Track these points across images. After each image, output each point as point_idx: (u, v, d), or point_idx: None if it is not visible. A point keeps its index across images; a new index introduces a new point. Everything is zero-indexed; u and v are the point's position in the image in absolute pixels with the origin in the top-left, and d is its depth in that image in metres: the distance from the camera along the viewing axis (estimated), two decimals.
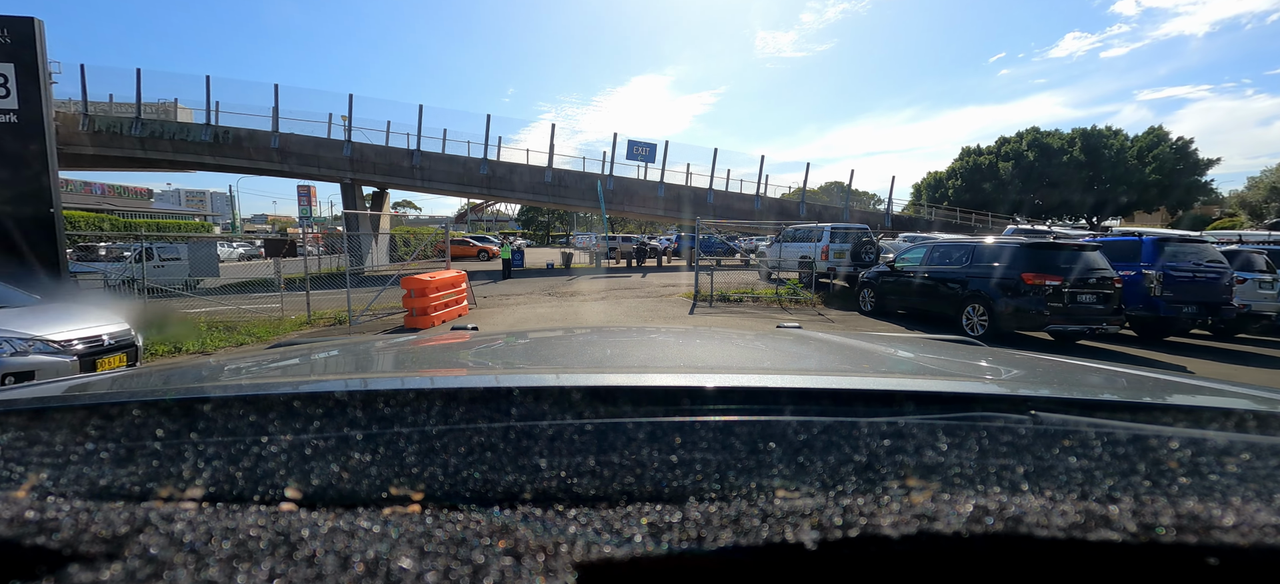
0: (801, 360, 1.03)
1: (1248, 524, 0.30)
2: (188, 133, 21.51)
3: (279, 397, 0.51)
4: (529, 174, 23.63)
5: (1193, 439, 0.44)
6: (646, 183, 24.83)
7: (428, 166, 22.76)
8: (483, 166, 23.03)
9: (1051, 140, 52.45)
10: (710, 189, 24.93)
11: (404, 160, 22.63)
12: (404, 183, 23.09)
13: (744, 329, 1.65)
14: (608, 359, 0.97)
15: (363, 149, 22.32)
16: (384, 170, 22.62)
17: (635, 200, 24.68)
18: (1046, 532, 0.30)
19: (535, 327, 8.36)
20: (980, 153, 56.28)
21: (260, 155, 21.90)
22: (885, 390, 0.60)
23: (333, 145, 22.12)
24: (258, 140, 21.77)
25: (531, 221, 68.72)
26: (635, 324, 8.27)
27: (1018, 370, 0.94)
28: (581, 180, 24.15)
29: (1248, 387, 0.75)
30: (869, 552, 0.30)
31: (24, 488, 0.38)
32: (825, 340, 1.34)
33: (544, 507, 0.35)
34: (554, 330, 1.55)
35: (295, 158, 22.05)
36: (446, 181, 23.12)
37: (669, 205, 24.74)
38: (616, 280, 18.31)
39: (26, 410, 0.51)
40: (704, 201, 24.66)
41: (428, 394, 0.53)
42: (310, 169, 22.30)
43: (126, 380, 0.84)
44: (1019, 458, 0.41)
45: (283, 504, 0.35)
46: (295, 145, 21.95)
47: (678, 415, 0.48)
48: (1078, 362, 1.10)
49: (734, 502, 0.34)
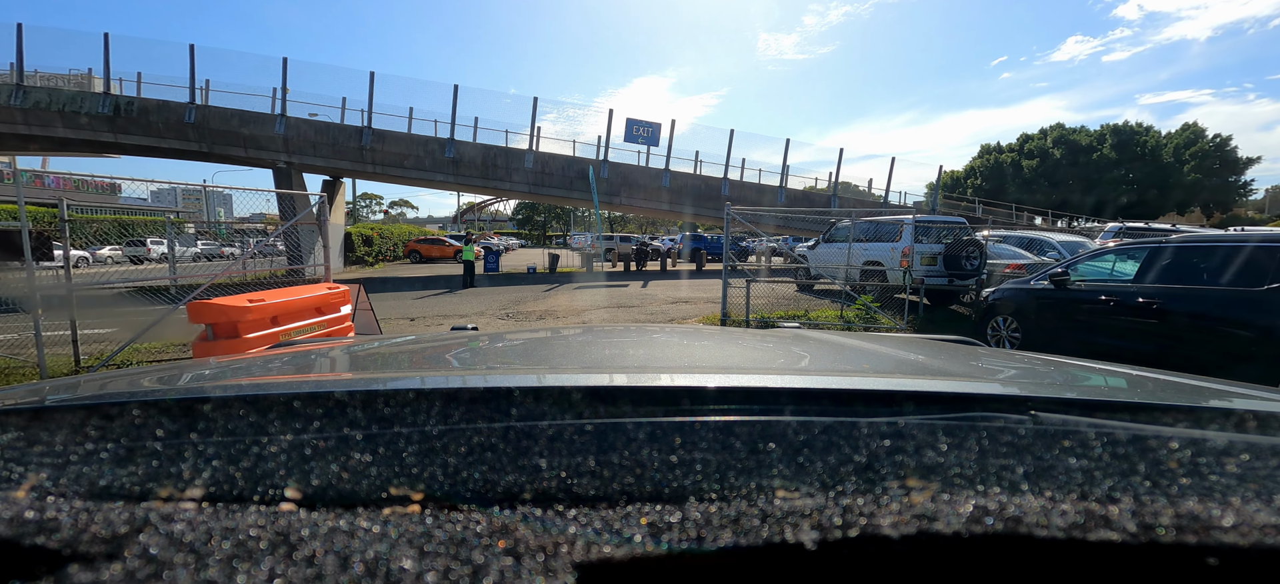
0: (801, 360, 1.00)
1: (1247, 524, 0.30)
2: (81, 103, 17.32)
3: (279, 396, 0.51)
4: (505, 158, 19.50)
5: (1193, 439, 0.44)
6: (648, 170, 20.73)
7: (380, 148, 18.62)
8: (447, 148, 18.90)
9: (1079, 137, 49.32)
10: (724, 178, 20.88)
11: (351, 140, 18.49)
12: (351, 167, 18.93)
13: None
14: (608, 359, 0.95)
15: (299, 127, 18.17)
16: (326, 152, 18.46)
17: (635, 191, 20.57)
18: (1046, 532, 0.30)
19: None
20: (1001, 151, 53.26)
21: (171, 132, 17.74)
22: (885, 390, 0.59)
23: (263, 121, 17.97)
24: (169, 114, 17.60)
25: (527, 221, 64.44)
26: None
27: (1017, 371, 0.94)
28: (569, 167, 20.02)
29: (1248, 387, 0.75)
30: (869, 552, 0.30)
31: (24, 488, 0.38)
32: (825, 340, 1.31)
33: (544, 507, 0.35)
34: (554, 330, 1.52)
35: (216, 136, 17.89)
36: (403, 166, 18.99)
37: (675, 198, 20.65)
38: (610, 291, 14.26)
39: (26, 410, 0.51)
40: (717, 194, 20.63)
41: (428, 394, 0.52)
42: (234, 150, 18.13)
43: (126, 380, 0.81)
44: (1019, 458, 0.41)
45: (282, 504, 0.35)
46: (217, 120, 17.79)
47: (678, 415, 0.48)
48: (1077, 362, 1.08)
49: (734, 502, 0.34)
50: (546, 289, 14.54)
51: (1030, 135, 51.63)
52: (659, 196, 20.57)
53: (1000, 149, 52.63)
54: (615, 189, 20.35)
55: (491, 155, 19.37)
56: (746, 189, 21.14)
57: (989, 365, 0.94)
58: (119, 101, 17.47)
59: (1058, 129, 50.41)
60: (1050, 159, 47.99)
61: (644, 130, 19.99)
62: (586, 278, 18.34)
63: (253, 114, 18.06)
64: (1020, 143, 51.71)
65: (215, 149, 18.09)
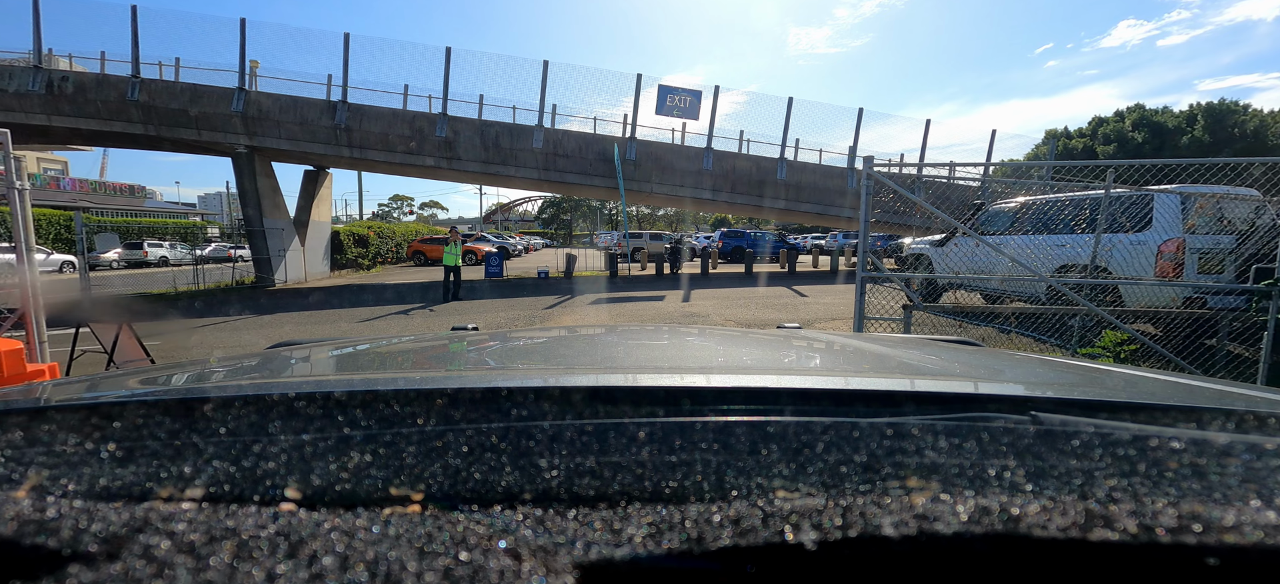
0: (802, 361, 0.99)
1: (1248, 524, 0.30)
2: (7, 80, 14.42)
3: (279, 397, 0.51)
4: (509, 137, 15.89)
5: (1193, 439, 0.44)
6: (685, 150, 16.82)
7: (358, 128, 15.23)
8: (439, 126, 15.39)
9: (1163, 118, 43.92)
10: (782, 158, 16.81)
11: (322, 118, 15.14)
12: (323, 152, 15.57)
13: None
14: (608, 359, 0.95)
15: (261, 102, 14.91)
16: (294, 133, 15.16)
17: (669, 176, 16.66)
18: (1047, 532, 0.30)
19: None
20: (1069, 136, 48.22)
21: (112, 112, 14.68)
22: (885, 391, 0.59)
23: (217, 96, 14.77)
24: (109, 91, 14.55)
25: (554, 219, 60.98)
26: None
27: (1018, 371, 0.93)
28: (588, 147, 16.27)
29: (1248, 386, 0.74)
30: (869, 552, 0.30)
31: (24, 488, 0.38)
32: (825, 340, 1.30)
33: (544, 507, 0.35)
34: (554, 329, 1.49)
35: (163, 116, 14.76)
36: (387, 149, 15.56)
37: (720, 183, 16.71)
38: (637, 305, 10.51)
39: (26, 410, 0.51)
40: (771, 178, 16.66)
41: (428, 394, 0.53)
42: (185, 132, 14.98)
43: (126, 380, 0.81)
44: (1019, 458, 0.41)
45: (282, 504, 0.36)
46: (164, 96, 14.67)
47: (678, 416, 0.48)
48: (1078, 362, 1.10)
49: (734, 502, 0.34)
50: (551, 303, 10.87)
51: (1104, 119, 46.82)
52: (700, 182, 16.61)
53: (1068, 134, 47.74)
54: (645, 174, 16.49)
55: (493, 134, 15.76)
56: (810, 170, 17.07)
57: (989, 366, 0.93)
58: (52, 77, 14.49)
59: (1137, 111, 45.41)
60: (1130, 144, 42.69)
61: (681, 100, 16.09)
62: (608, 284, 14.62)
63: (206, 89, 14.87)
64: (1092, 127, 47.01)
65: (163, 131, 14.96)
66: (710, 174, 16.44)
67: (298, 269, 16.91)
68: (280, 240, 15.93)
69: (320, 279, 17.97)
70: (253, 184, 15.18)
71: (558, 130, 16.13)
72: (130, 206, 42.03)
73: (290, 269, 16.40)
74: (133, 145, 16.29)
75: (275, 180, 16.36)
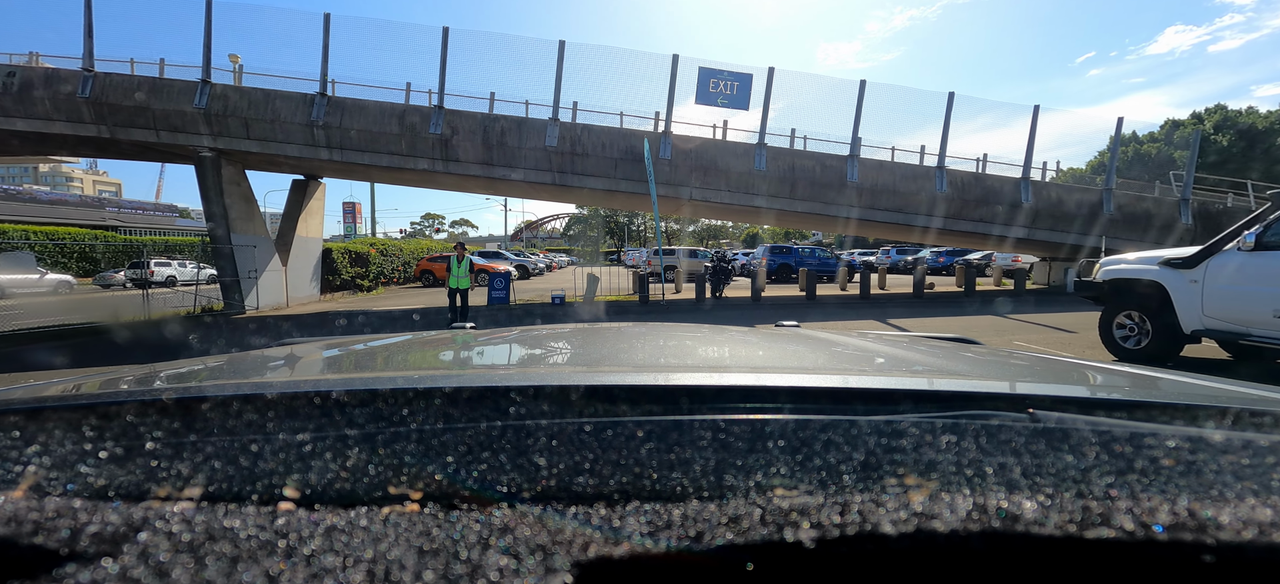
0: (800, 359, 0.98)
1: (1245, 522, 0.30)
2: None
3: (278, 395, 0.51)
4: (516, 133, 13.16)
5: (1190, 437, 0.44)
6: (730, 147, 13.79)
7: (338, 124, 12.75)
8: (434, 121, 12.79)
9: (1252, 119, 39.60)
10: (852, 156, 13.63)
11: (297, 114, 12.73)
12: (299, 153, 13.11)
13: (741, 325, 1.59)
14: (607, 357, 0.94)
15: (228, 97, 12.60)
16: (265, 132, 12.77)
17: (711, 178, 13.64)
18: (1044, 530, 0.30)
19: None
20: (1140, 141, 44.12)
21: (61, 112, 12.55)
22: (884, 389, 0.59)
23: (177, 91, 12.52)
24: (59, 88, 12.44)
25: (581, 236, 58.37)
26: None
27: (1016, 369, 0.92)
28: (612, 143, 13.39)
29: (1246, 385, 0.75)
30: (867, 550, 0.30)
31: (22, 487, 0.38)
32: (824, 339, 1.28)
33: (542, 505, 0.35)
34: (554, 328, 1.50)
35: (117, 115, 12.57)
36: (372, 149, 13.02)
37: (777, 187, 13.61)
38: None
39: (25, 410, 0.51)
40: (839, 180, 13.54)
41: (426, 392, 0.52)
42: (141, 132, 12.75)
43: (124, 380, 0.81)
44: (1017, 456, 0.41)
45: (281, 503, 0.36)
46: (117, 92, 12.48)
47: (676, 414, 0.48)
48: (1076, 360, 1.07)
49: (732, 500, 0.34)
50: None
51: (1179, 122, 42.61)
52: (751, 185, 13.53)
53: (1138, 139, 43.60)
54: (682, 176, 13.52)
55: (497, 130, 13.08)
56: (883, 172, 13.88)
57: (987, 363, 0.93)
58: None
59: (1219, 111, 41.39)
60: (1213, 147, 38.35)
61: (726, 86, 13.12)
62: (638, 313, 11.67)
63: (167, 83, 12.65)
64: (1166, 132, 42.91)
65: (118, 133, 12.74)
66: (763, 176, 13.36)
67: (277, 292, 14.44)
68: (253, 259, 13.49)
69: (304, 303, 15.50)
70: (219, 193, 12.79)
71: (576, 125, 13.36)
72: (158, 224, 41.86)
73: (267, 293, 13.94)
74: (81, 151, 14.18)
75: (249, 189, 13.99)
